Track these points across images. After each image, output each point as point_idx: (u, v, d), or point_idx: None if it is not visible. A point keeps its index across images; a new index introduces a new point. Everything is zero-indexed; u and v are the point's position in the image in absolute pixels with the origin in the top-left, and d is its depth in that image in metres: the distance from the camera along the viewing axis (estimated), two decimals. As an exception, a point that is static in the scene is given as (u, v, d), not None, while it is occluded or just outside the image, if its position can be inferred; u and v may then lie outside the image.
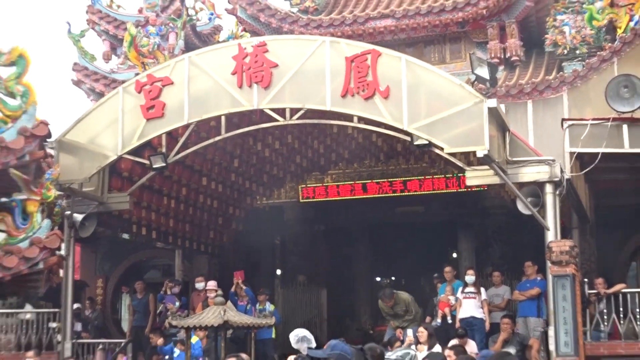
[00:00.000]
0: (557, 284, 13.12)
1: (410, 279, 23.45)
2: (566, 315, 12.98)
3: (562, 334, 12.93)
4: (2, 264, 12.44)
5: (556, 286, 13.12)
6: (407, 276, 23.99)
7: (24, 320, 17.23)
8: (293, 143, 17.64)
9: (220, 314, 12.52)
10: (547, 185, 13.34)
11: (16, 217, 13.18)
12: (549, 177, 13.30)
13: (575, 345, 12.91)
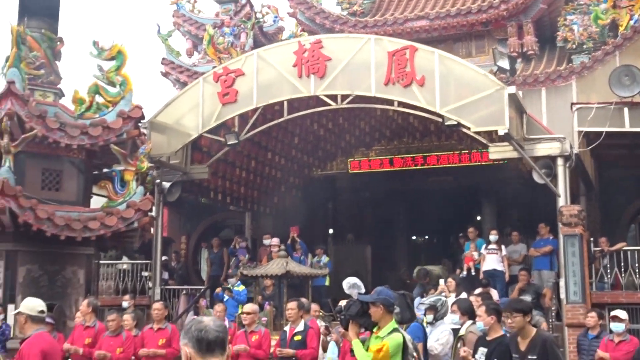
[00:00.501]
0: (567, 243, 13.14)
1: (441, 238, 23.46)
2: (575, 269, 12.98)
3: (572, 285, 12.93)
4: (104, 223, 12.63)
5: (566, 244, 13.14)
6: (438, 235, 23.99)
7: (121, 269, 17.54)
8: (343, 124, 17.65)
9: (283, 265, 12.63)
10: (558, 158, 13.29)
11: (115, 184, 13.38)
12: (560, 152, 13.25)
13: (582, 294, 12.93)
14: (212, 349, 3.28)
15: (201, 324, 3.33)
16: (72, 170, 13.35)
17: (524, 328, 6.09)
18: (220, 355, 3.28)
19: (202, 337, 3.27)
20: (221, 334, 3.31)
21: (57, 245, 12.38)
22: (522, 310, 6.15)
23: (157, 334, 10.16)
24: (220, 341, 3.30)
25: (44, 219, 11.89)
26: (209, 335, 3.28)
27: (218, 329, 3.32)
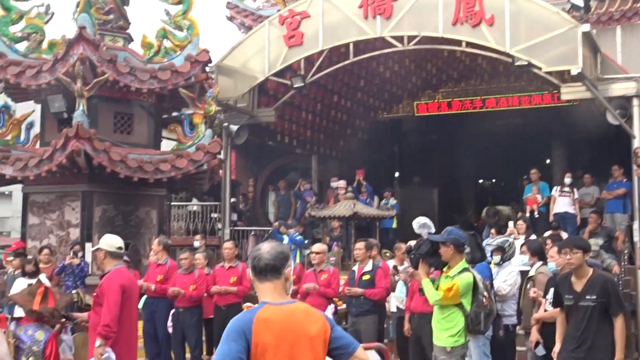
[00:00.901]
0: (641, 184, 12.82)
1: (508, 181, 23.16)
2: (649, 211, 12.69)
3: (646, 227, 12.68)
4: (174, 165, 12.91)
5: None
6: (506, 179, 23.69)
7: (191, 211, 17.91)
8: (410, 65, 17.39)
9: (351, 207, 12.75)
10: (634, 99, 12.88)
11: (185, 127, 13.62)
12: (636, 92, 12.83)
13: (656, 243, 12.67)
14: (264, 274, 3.58)
15: (257, 252, 3.64)
16: (143, 114, 13.63)
17: (582, 267, 5.84)
18: (273, 279, 3.58)
19: (255, 264, 3.60)
20: (272, 262, 3.57)
21: (130, 186, 12.74)
22: (582, 247, 5.87)
23: (228, 272, 10.43)
24: (271, 267, 3.58)
25: (117, 161, 12.23)
26: (261, 262, 3.58)
27: (270, 256, 3.58)
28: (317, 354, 3.57)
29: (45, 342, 6.83)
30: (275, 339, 3.47)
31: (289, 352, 3.49)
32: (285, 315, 3.54)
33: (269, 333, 3.47)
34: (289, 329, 3.52)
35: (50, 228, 13.11)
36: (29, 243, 13.24)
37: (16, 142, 13.32)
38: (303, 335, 3.54)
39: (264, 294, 3.60)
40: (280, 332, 3.49)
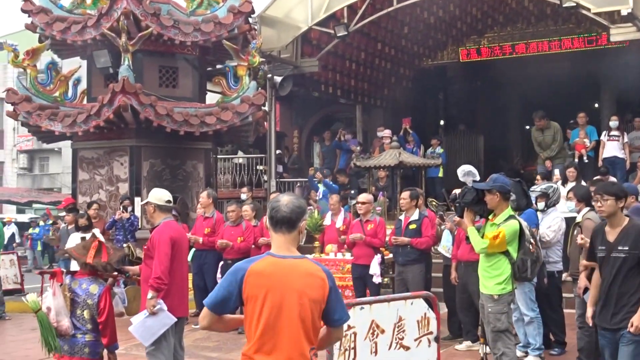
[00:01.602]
0: (694, 126, 12.46)
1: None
2: (702, 155, 12.36)
3: (698, 171, 12.36)
4: (220, 118, 12.97)
5: (694, 127, 12.47)
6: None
7: (237, 163, 18.02)
8: (454, 11, 17.11)
9: (396, 156, 12.68)
10: (687, 39, 12.51)
11: (229, 80, 13.63)
12: (689, 32, 12.42)
13: None
14: (279, 226, 3.60)
15: (276, 203, 3.65)
16: (187, 67, 13.67)
17: (615, 215, 5.38)
18: (286, 232, 3.60)
19: (273, 215, 3.62)
20: (288, 214, 3.59)
21: (176, 140, 12.87)
22: (614, 194, 5.40)
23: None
24: (287, 220, 3.60)
25: (164, 115, 12.33)
26: (278, 214, 3.59)
27: (287, 209, 3.60)
28: (306, 312, 3.55)
29: (99, 295, 6.95)
30: (264, 291, 3.52)
31: (278, 304, 3.52)
32: (282, 268, 3.57)
33: (258, 285, 3.53)
34: (281, 282, 3.54)
35: (100, 183, 13.34)
36: (79, 198, 13.51)
37: (64, 98, 13.52)
38: (295, 291, 3.54)
39: (274, 244, 3.67)
40: (271, 284, 3.53)
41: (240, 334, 10.16)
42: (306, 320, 3.56)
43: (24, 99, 12.95)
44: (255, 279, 3.54)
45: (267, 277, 3.54)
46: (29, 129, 13.71)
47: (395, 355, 4.43)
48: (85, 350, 6.85)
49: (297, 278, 3.56)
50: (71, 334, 6.83)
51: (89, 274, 7.05)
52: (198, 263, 10.62)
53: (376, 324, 4.33)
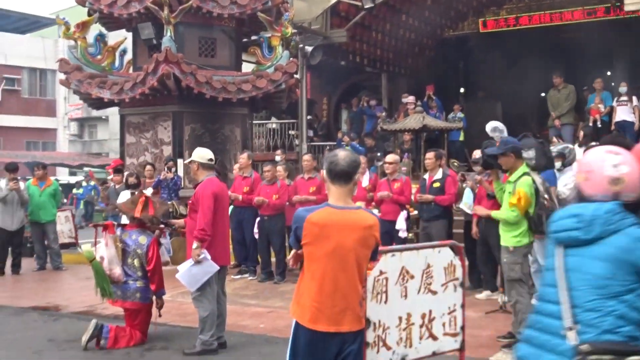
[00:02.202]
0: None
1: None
2: None
3: None
4: (255, 85, 12.94)
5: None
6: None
7: (271, 128, 18.04)
8: (475, -17, 16.86)
9: (420, 120, 12.58)
10: (699, 7, 12.14)
11: (264, 49, 13.58)
12: (701, 1, 12.06)
13: None
14: (338, 178, 3.70)
15: (334, 158, 3.74)
16: (224, 38, 13.62)
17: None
18: (343, 184, 3.71)
19: (331, 168, 3.71)
20: (346, 168, 3.70)
21: (215, 106, 12.89)
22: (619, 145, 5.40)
23: (307, 182, 10.52)
24: (345, 173, 3.71)
25: (203, 82, 12.34)
26: (337, 167, 3.70)
27: (346, 163, 3.69)
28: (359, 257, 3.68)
29: (147, 245, 7.05)
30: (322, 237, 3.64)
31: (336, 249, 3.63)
32: (339, 218, 3.67)
33: (316, 232, 3.65)
34: (339, 231, 3.64)
35: (145, 146, 13.43)
36: (127, 160, 13.63)
37: (111, 67, 13.58)
38: (351, 238, 3.65)
39: (332, 196, 3.76)
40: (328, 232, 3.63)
41: (276, 284, 10.30)
42: (360, 263, 3.71)
43: (75, 69, 13.03)
44: (312, 227, 3.64)
45: (325, 226, 3.64)
46: (80, 96, 13.81)
47: (423, 298, 4.43)
48: (136, 295, 6.97)
49: (354, 226, 3.66)
50: (123, 280, 6.96)
51: (138, 226, 7.14)
52: (237, 219, 10.69)
53: (406, 270, 4.33)
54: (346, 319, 3.67)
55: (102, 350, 6.75)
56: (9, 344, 7.15)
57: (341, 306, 3.66)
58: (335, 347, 3.67)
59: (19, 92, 37.77)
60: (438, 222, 9.30)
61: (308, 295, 3.69)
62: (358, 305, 3.74)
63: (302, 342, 3.71)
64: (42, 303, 9.33)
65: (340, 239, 3.64)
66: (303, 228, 3.67)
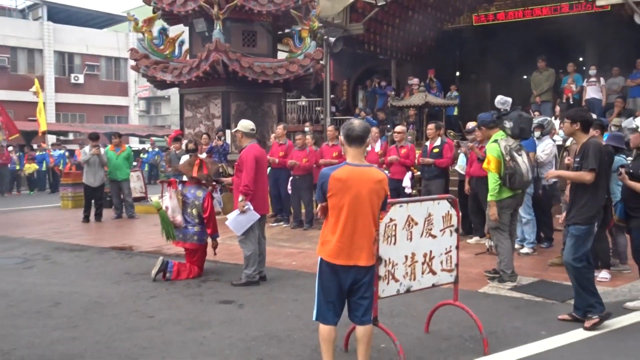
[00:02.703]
0: (660, 73, 11.82)
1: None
2: (665, 96, 11.76)
3: (662, 108, 11.79)
4: (288, 70, 12.84)
5: (660, 74, 11.83)
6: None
7: (300, 105, 17.93)
8: (470, -16, 16.42)
9: (423, 98, 12.43)
10: (657, 1, 11.72)
11: (295, 40, 13.43)
12: (661, -4, 11.65)
13: (670, 116, 11.75)
14: (354, 141, 3.74)
15: (351, 125, 3.77)
16: (263, 31, 13.48)
17: (574, 134, 5.17)
18: (359, 145, 3.75)
19: (349, 133, 3.75)
20: (361, 133, 3.74)
21: (256, 87, 12.82)
22: (570, 118, 5.17)
23: (331, 148, 10.47)
24: (360, 137, 3.75)
25: (246, 67, 12.26)
26: (353, 132, 3.74)
27: (360, 129, 3.74)
28: (373, 204, 3.73)
29: (203, 197, 7.09)
30: (344, 190, 3.68)
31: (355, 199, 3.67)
32: (357, 173, 3.70)
33: (339, 186, 3.68)
34: (357, 184, 3.67)
35: (200, 119, 13.43)
36: (185, 131, 13.66)
37: (172, 55, 13.52)
38: (367, 189, 3.69)
39: (349, 156, 3.80)
40: (349, 185, 3.68)
41: (305, 230, 10.34)
42: (374, 210, 3.75)
43: (143, 57, 13.00)
44: (336, 182, 3.69)
45: (346, 180, 3.68)
46: (148, 79, 13.79)
47: (425, 241, 4.41)
48: (194, 238, 7.04)
49: (368, 180, 3.70)
50: (183, 226, 7.02)
51: (195, 183, 7.19)
52: (274, 178, 10.70)
53: (411, 218, 4.30)
54: (362, 255, 3.71)
55: (167, 281, 6.86)
56: (94, 276, 7.30)
57: (358, 245, 3.69)
58: (351, 278, 3.73)
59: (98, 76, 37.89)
60: (437, 181, 9.24)
61: (332, 237, 3.71)
62: (372, 244, 3.78)
63: (326, 274, 3.76)
64: (119, 244, 9.48)
65: (357, 190, 3.66)
66: (328, 183, 3.69)
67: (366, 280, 3.77)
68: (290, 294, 6.24)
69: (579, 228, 5.00)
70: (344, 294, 3.77)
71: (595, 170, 4.98)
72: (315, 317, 3.81)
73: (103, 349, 4.61)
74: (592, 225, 5.01)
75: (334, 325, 3.78)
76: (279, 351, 4.52)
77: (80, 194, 13.76)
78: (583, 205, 5.03)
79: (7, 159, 21.06)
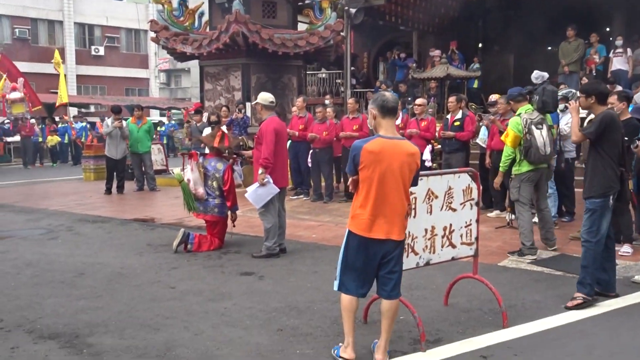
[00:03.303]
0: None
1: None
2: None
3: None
4: (308, 41, 12.74)
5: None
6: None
7: (321, 78, 17.83)
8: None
9: (445, 70, 12.28)
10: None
11: (315, 11, 13.30)
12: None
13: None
14: (389, 112, 3.73)
15: (384, 97, 3.75)
16: (283, 2, 13.38)
17: (591, 108, 5.12)
18: (393, 117, 3.76)
19: (384, 105, 3.72)
20: (395, 105, 3.76)
21: (276, 59, 12.75)
22: (584, 92, 5.11)
23: (351, 121, 10.41)
24: (394, 109, 3.75)
25: (266, 39, 12.19)
26: (388, 104, 3.72)
27: (393, 101, 3.76)
28: (405, 177, 3.69)
29: (223, 170, 7.14)
30: (377, 161, 3.65)
31: (387, 170, 3.64)
32: (390, 146, 3.66)
33: (371, 158, 3.65)
34: (389, 156, 3.64)
35: (220, 92, 13.44)
36: (205, 103, 13.69)
37: (192, 27, 13.50)
38: (399, 162, 3.66)
39: (382, 128, 3.74)
40: (382, 157, 3.64)
41: (325, 204, 10.38)
42: (405, 182, 3.72)
43: (163, 28, 13.00)
44: (368, 154, 3.66)
45: (379, 153, 3.66)
46: (168, 51, 13.81)
47: (445, 214, 4.40)
48: (215, 210, 7.11)
49: (400, 153, 3.67)
50: (205, 198, 7.08)
51: (216, 154, 7.22)
52: (294, 151, 10.70)
53: (431, 191, 4.29)
54: (395, 229, 3.70)
55: (189, 252, 6.95)
56: (117, 247, 7.42)
57: (391, 218, 3.68)
58: (382, 252, 3.72)
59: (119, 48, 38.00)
60: (457, 154, 9.18)
61: (363, 211, 3.70)
62: (404, 218, 3.76)
63: (353, 247, 3.75)
64: (141, 216, 9.61)
65: (390, 163, 3.64)
66: (360, 155, 3.66)
67: (396, 254, 3.76)
68: (310, 266, 6.30)
69: (594, 202, 4.95)
70: (372, 268, 3.76)
71: (589, 138, 4.99)
72: (337, 287, 3.84)
73: (126, 319, 4.71)
74: (607, 198, 4.91)
75: (357, 297, 3.80)
76: (299, 322, 4.59)
77: (102, 166, 13.92)
78: (594, 177, 4.98)
79: (31, 130, 21.35)
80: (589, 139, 5.00)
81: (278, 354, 4.00)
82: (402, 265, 3.85)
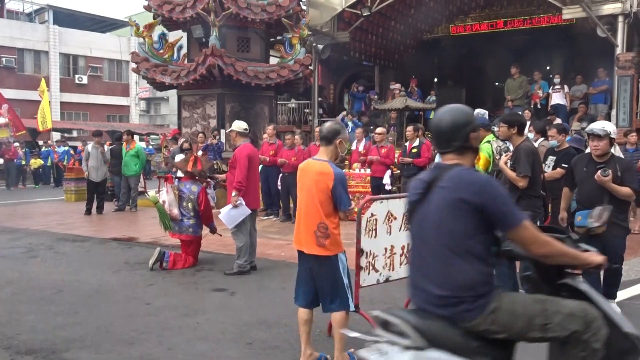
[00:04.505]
0: (620, 82, 11.98)
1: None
2: (625, 102, 11.91)
3: (622, 114, 11.93)
4: (279, 74, 12.77)
5: (620, 83, 11.98)
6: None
7: (290, 107, 17.85)
8: (448, -4, 16.45)
9: (404, 102, 12.45)
10: (619, 16, 11.90)
11: (286, 47, 13.36)
12: (621, 11, 11.80)
13: (630, 120, 11.93)
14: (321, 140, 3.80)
15: (322, 126, 3.85)
16: (256, 38, 13.41)
17: (511, 138, 4.99)
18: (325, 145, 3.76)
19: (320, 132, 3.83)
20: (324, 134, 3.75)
21: (249, 89, 12.75)
22: (506, 122, 4.99)
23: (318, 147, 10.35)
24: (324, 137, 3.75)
25: (240, 71, 12.19)
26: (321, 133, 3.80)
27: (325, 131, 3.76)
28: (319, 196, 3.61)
29: (198, 192, 7.07)
30: (300, 180, 3.77)
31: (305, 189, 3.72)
32: (308, 166, 3.76)
33: (299, 177, 3.79)
34: (306, 175, 3.72)
35: (197, 119, 13.35)
36: (182, 129, 13.57)
37: (171, 59, 13.42)
38: (312, 171, 3.69)
39: (318, 152, 3.85)
40: (302, 176, 3.76)
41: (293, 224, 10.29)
42: (315, 201, 3.65)
43: (144, 59, 12.89)
44: (298, 172, 3.83)
45: (301, 170, 3.80)
46: (148, 81, 13.67)
47: (403, 234, 4.43)
48: (189, 230, 7.01)
49: (312, 172, 3.70)
50: (179, 219, 6.98)
51: (190, 178, 7.14)
52: (265, 175, 10.63)
53: (390, 213, 4.31)
54: (305, 242, 3.69)
55: (164, 270, 6.82)
56: (95, 265, 7.24)
57: (303, 232, 3.71)
58: (307, 264, 3.74)
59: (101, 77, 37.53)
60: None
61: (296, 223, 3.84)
62: (314, 234, 3.62)
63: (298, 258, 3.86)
64: (119, 235, 9.41)
65: (306, 181, 3.72)
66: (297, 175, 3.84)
67: (322, 273, 3.66)
68: (279, 282, 6.23)
69: None
70: (310, 279, 3.76)
71: (528, 176, 4.85)
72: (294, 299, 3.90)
73: (103, 334, 4.57)
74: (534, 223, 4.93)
75: (304, 308, 3.80)
76: (268, 335, 4.52)
77: (82, 188, 13.63)
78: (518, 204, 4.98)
79: (14, 154, 20.82)
80: (527, 175, 4.86)
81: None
82: (330, 283, 3.66)
